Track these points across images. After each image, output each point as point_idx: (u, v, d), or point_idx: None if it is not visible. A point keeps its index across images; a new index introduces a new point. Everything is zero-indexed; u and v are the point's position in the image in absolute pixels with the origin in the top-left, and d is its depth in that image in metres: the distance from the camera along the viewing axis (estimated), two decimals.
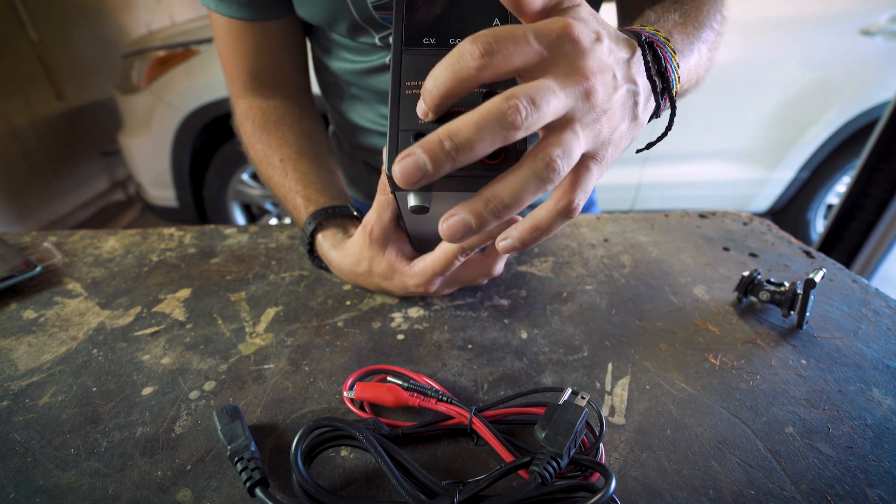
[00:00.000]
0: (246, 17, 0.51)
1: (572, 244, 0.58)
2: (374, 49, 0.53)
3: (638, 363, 0.39)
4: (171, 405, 0.35)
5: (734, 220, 0.65)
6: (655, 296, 0.48)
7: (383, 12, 0.47)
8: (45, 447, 0.32)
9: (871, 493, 0.29)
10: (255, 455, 0.29)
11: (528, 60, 0.23)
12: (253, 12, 0.51)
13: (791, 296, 0.43)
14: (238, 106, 0.57)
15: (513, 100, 0.22)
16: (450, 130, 0.22)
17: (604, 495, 0.24)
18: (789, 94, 1.86)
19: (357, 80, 0.57)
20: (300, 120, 0.56)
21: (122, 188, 3.10)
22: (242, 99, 0.57)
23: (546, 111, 0.22)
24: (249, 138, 0.55)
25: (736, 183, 2.03)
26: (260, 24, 0.52)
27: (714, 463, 0.31)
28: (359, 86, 0.57)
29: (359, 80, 0.56)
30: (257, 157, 0.55)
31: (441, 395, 0.33)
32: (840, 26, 1.74)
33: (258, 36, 0.53)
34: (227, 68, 0.56)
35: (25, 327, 0.44)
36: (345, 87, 0.59)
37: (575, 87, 0.24)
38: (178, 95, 1.82)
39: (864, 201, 1.49)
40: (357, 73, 0.56)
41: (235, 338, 0.42)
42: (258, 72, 0.55)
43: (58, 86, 2.65)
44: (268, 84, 0.56)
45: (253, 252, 0.56)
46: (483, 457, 0.31)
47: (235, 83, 0.57)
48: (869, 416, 0.34)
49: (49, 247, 0.56)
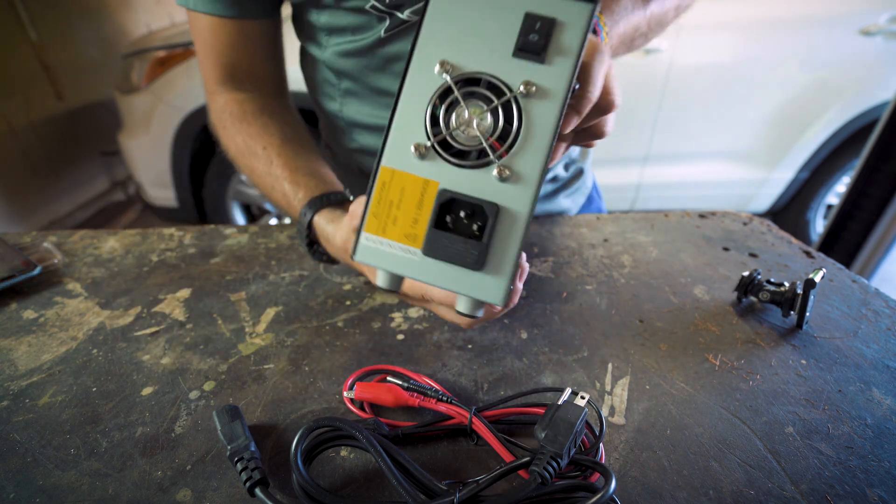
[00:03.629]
0: (223, 13, 0.50)
1: (572, 244, 0.58)
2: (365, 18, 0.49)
3: (638, 363, 0.39)
4: (171, 405, 0.35)
5: (734, 220, 0.65)
6: (655, 296, 0.48)
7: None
8: (45, 447, 0.32)
9: (871, 494, 0.29)
10: (255, 455, 0.29)
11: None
12: (230, 9, 0.50)
13: (791, 296, 0.43)
14: (215, 102, 0.55)
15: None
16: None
17: (604, 495, 0.24)
18: (789, 94, 1.86)
19: (350, 70, 0.54)
20: (281, 112, 0.54)
21: (122, 188, 3.10)
22: (219, 94, 0.55)
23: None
24: (229, 132, 0.53)
25: (736, 183, 2.03)
26: (238, 22, 0.51)
27: (714, 463, 0.31)
28: (351, 77, 0.55)
29: (352, 68, 0.53)
30: (238, 150, 0.52)
31: (441, 395, 0.33)
32: (840, 26, 1.74)
33: (235, 33, 0.52)
34: (204, 65, 0.55)
35: (25, 327, 0.44)
36: (336, 83, 0.57)
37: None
38: (178, 95, 1.82)
39: (864, 201, 1.49)
40: (350, 59, 0.53)
41: (235, 338, 0.42)
42: (234, 67, 0.54)
43: (58, 86, 2.64)
44: (245, 79, 0.55)
45: (253, 252, 0.56)
46: (483, 457, 0.31)
47: (211, 78, 0.55)
48: (869, 416, 0.34)
49: (49, 247, 0.56)
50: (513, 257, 0.25)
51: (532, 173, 0.25)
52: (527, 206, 0.25)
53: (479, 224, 0.25)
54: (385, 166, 0.26)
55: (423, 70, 0.25)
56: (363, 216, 0.26)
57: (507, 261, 0.25)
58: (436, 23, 0.25)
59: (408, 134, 0.25)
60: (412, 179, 0.26)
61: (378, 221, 0.26)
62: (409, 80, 0.25)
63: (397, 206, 0.26)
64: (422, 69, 0.25)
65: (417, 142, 0.25)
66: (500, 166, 0.25)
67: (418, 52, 0.25)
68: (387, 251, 0.26)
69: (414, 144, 0.25)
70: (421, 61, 0.25)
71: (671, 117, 1.83)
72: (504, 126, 0.25)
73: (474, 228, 0.26)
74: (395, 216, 0.26)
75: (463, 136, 0.25)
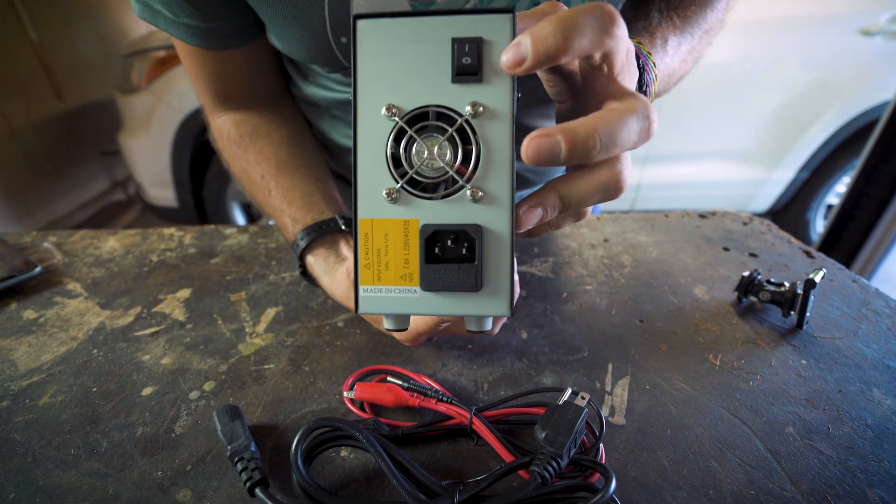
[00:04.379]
0: (204, 46, 0.46)
1: (572, 244, 0.58)
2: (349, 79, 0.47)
3: (638, 363, 0.39)
4: (171, 405, 0.35)
5: (734, 220, 0.65)
6: (655, 296, 0.48)
7: None
8: (45, 447, 0.32)
9: (871, 494, 0.29)
10: (255, 455, 0.29)
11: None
12: (209, 43, 0.45)
13: (791, 296, 0.43)
14: (212, 122, 0.53)
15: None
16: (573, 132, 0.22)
17: (604, 495, 0.24)
18: (789, 94, 1.86)
19: (337, 107, 0.53)
20: (278, 128, 0.52)
21: (122, 188, 3.10)
22: (215, 115, 0.53)
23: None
24: (227, 155, 0.52)
25: (736, 183, 2.03)
26: (221, 52, 0.47)
27: (714, 463, 0.31)
28: (340, 111, 0.53)
29: (339, 107, 0.52)
30: (238, 175, 0.51)
31: (441, 395, 0.33)
32: (840, 26, 1.74)
33: (220, 63, 0.48)
34: (196, 88, 0.52)
35: (25, 327, 0.44)
36: (325, 108, 0.54)
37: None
38: (178, 95, 1.82)
39: (864, 201, 1.49)
40: (338, 102, 0.51)
41: (235, 338, 0.42)
42: (226, 92, 0.51)
43: (58, 86, 2.65)
44: (239, 98, 0.52)
45: (253, 252, 0.56)
46: (483, 457, 0.31)
47: (205, 101, 0.53)
48: (869, 416, 0.34)
49: (49, 247, 0.56)
50: (507, 270, 0.26)
51: (503, 187, 0.25)
52: (506, 219, 0.25)
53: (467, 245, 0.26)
54: (362, 218, 0.26)
55: (371, 117, 0.25)
56: (355, 271, 0.27)
57: (504, 274, 0.26)
58: (369, 69, 0.25)
59: (374, 182, 0.26)
60: (392, 223, 0.26)
61: (370, 272, 0.27)
62: (360, 130, 0.26)
63: (385, 251, 0.26)
64: (369, 116, 0.26)
65: (387, 187, 0.26)
66: (472, 189, 0.25)
67: (361, 101, 0.25)
68: (387, 296, 0.27)
69: (385, 191, 0.25)
70: (366, 109, 0.25)
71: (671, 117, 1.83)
72: (464, 150, 0.25)
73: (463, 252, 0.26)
74: (386, 262, 0.27)
75: (428, 170, 0.25)
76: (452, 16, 0.24)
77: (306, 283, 0.49)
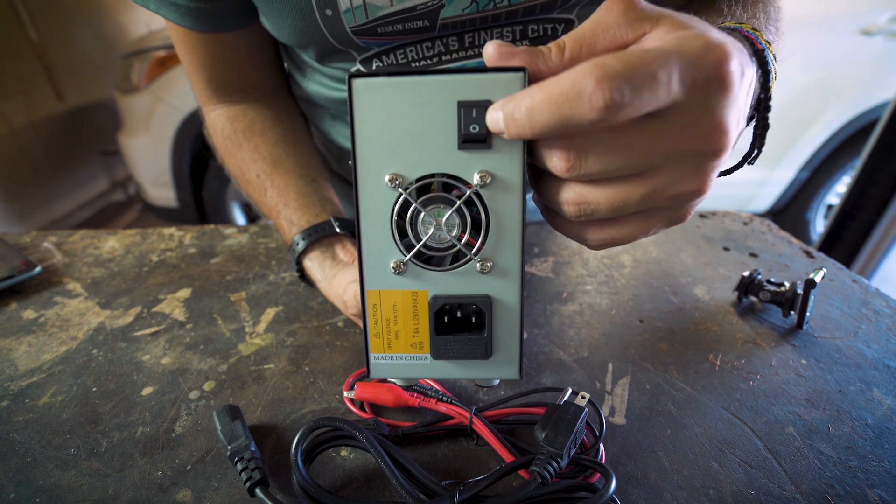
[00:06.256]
0: (193, 28, 0.44)
1: (572, 244, 0.58)
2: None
3: (638, 363, 0.39)
4: (171, 405, 0.35)
5: (734, 220, 0.65)
6: (655, 296, 0.48)
7: (365, 37, 0.41)
8: (45, 447, 0.32)
9: (871, 494, 0.29)
10: (255, 455, 0.29)
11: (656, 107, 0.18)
12: (200, 25, 0.44)
13: (791, 296, 0.43)
14: (207, 115, 0.52)
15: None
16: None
17: (604, 495, 0.24)
18: (789, 95, 1.86)
19: (336, 106, 0.51)
20: (273, 124, 0.50)
21: (122, 188, 3.10)
22: (209, 108, 0.52)
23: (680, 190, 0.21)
24: (221, 151, 0.51)
25: (736, 183, 2.03)
26: (214, 35, 0.46)
27: (714, 463, 0.31)
28: (340, 110, 0.52)
29: (338, 106, 0.51)
30: (233, 172, 0.50)
31: (441, 395, 0.33)
32: (840, 26, 1.74)
33: (213, 46, 0.47)
34: (191, 77, 0.51)
35: (25, 327, 0.44)
36: (324, 108, 0.53)
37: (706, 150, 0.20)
38: (178, 95, 1.82)
39: (864, 201, 1.49)
40: (336, 101, 0.50)
41: (235, 338, 0.42)
42: (219, 80, 0.50)
43: (58, 86, 2.65)
44: (233, 89, 0.51)
45: (253, 252, 0.56)
46: (483, 457, 0.31)
47: (199, 92, 0.51)
48: (869, 416, 0.34)
49: (49, 247, 0.56)
50: (517, 338, 0.26)
51: (512, 258, 0.24)
52: (516, 290, 0.25)
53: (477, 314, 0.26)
54: (370, 290, 0.26)
55: (373, 187, 0.24)
56: (365, 339, 0.27)
57: (513, 342, 0.26)
58: (369, 133, 0.23)
59: (380, 254, 0.25)
60: (400, 294, 0.26)
61: (380, 341, 0.27)
62: (362, 200, 0.24)
63: (394, 321, 0.26)
64: (371, 186, 0.24)
65: (394, 260, 0.25)
66: (481, 261, 0.24)
67: (361, 168, 0.24)
68: (398, 363, 0.27)
69: (392, 264, 0.25)
70: (367, 177, 0.24)
71: None
72: (473, 220, 0.24)
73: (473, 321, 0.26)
74: (396, 331, 0.27)
75: (435, 242, 0.24)
76: (457, 75, 0.22)
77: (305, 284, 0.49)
